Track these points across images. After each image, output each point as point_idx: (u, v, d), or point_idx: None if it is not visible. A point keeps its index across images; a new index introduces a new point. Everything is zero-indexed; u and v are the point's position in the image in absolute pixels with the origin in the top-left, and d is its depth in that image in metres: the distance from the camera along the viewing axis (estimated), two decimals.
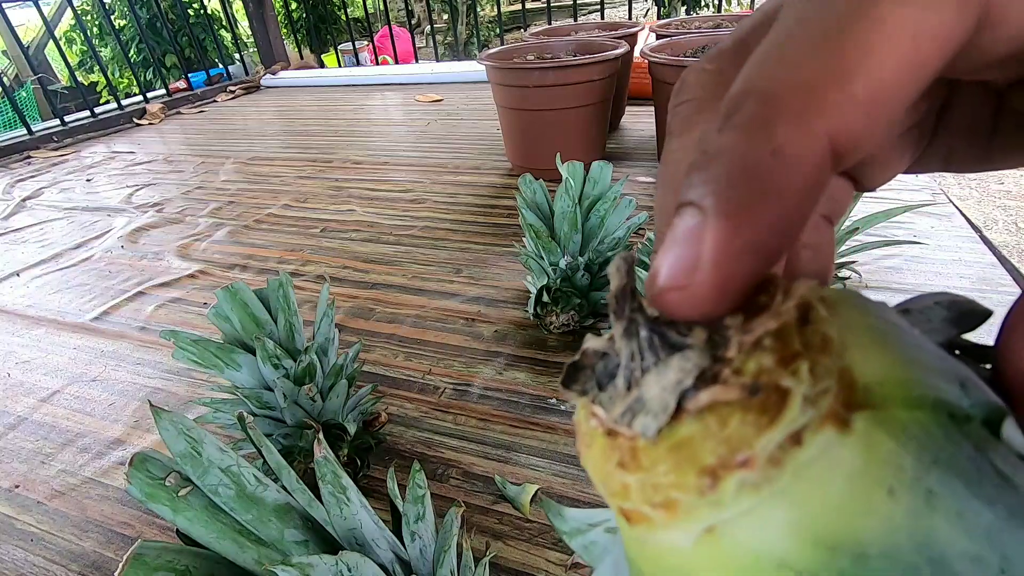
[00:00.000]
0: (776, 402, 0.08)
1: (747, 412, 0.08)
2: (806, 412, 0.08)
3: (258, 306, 0.50)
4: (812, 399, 0.08)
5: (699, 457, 0.08)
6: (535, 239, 0.66)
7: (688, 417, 0.08)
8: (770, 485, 0.08)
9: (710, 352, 0.09)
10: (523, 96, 1.10)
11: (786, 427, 0.08)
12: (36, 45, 3.66)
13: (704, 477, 0.08)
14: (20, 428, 0.67)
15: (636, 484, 0.09)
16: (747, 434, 0.08)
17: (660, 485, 0.08)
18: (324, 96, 2.25)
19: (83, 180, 1.54)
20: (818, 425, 0.08)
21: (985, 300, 0.65)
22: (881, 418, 0.08)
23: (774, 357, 0.08)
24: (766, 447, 0.08)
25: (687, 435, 0.08)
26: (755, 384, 0.08)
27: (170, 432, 0.28)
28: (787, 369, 0.08)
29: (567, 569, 0.45)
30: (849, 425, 0.08)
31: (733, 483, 0.08)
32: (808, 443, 0.08)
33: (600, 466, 0.09)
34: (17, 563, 0.51)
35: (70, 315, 0.89)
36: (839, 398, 0.08)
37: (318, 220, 1.13)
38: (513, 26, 4.18)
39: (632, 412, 0.09)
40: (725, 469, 0.08)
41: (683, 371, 0.08)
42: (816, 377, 0.08)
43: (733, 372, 0.08)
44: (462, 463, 0.55)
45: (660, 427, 0.08)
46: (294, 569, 0.26)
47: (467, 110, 1.79)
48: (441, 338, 0.73)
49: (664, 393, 0.08)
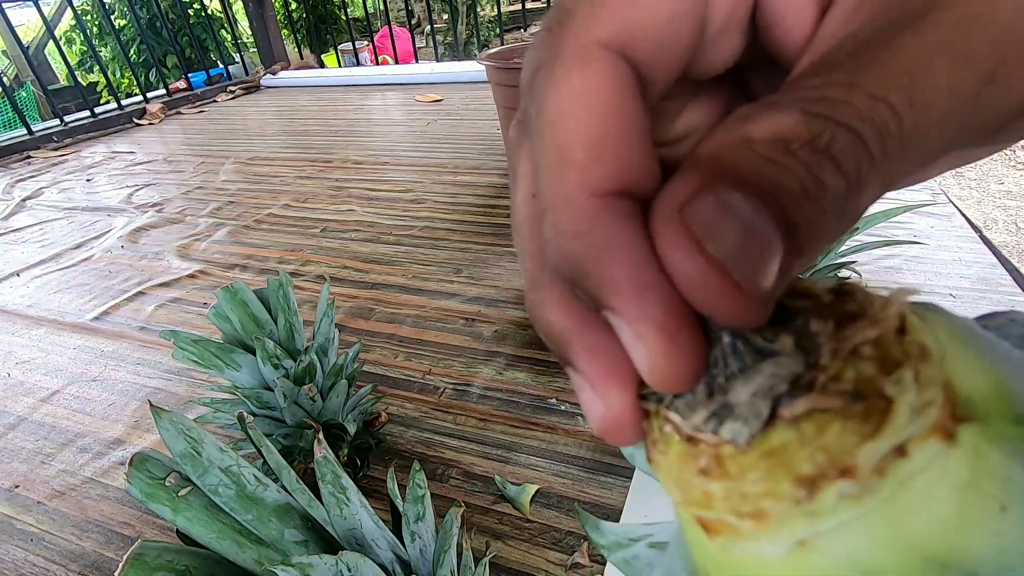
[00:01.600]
0: (880, 410, 0.08)
1: (849, 420, 0.08)
2: (912, 422, 0.07)
3: (258, 306, 0.50)
4: (918, 408, 0.08)
5: (795, 465, 0.08)
6: None
7: (782, 424, 0.08)
8: (872, 497, 0.07)
9: (803, 359, 0.08)
10: None
11: (891, 437, 0.07)
12: (36, 45, 3.66)
13: (800, 486, 0.08)
14: (20, 428, 0.67)
15: (721, 492, 0.08)
16: (849, 443, 0.07)
17: (750, 494, 0.08)
18: (324, 96, 2.25)
19: (83, 180, 1.54)
20: (924, 436, 0.07)
21: (985, 300, 0.65)
22: (988, 431, 0.08)
23: (875, 365, 0.08)
24: (870, 457, 0.07)
25: (781, 442, 0.08)
26: (857, 391, 0.08)
27: (170, 432, 0.28)
28: (890, 377, 0.08)
29: (567, 569, 0.45)
30: (955, 437, 0.07)
31: (833, 493, 0.07)
32: (914, 454, 0.07)
33: (678, 474, 0.09)
34: (17, 563, 0.51)
35: (70, 315, 0.89)
36: (944, 409, 0.08)
37: (318, 220, 1.13)
38: (513, 26, 4.18)
39: (719, 418, 0.08)
40: (824, 478, 0.08)
41: (776, 377, 0.08)
42: (921, 386, 0.08)
43: (831, 379, 0.08)
44: (462, 463, 0.55)
45: (753, 433, 0.08)
46: (294, 569, 0.26)
47: (467, 110, 1.79)
48: (441, 338, 0.73)
49: (756, 399, 0.08)
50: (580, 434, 0.56)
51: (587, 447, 0.55)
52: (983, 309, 0.68)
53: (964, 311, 0.58)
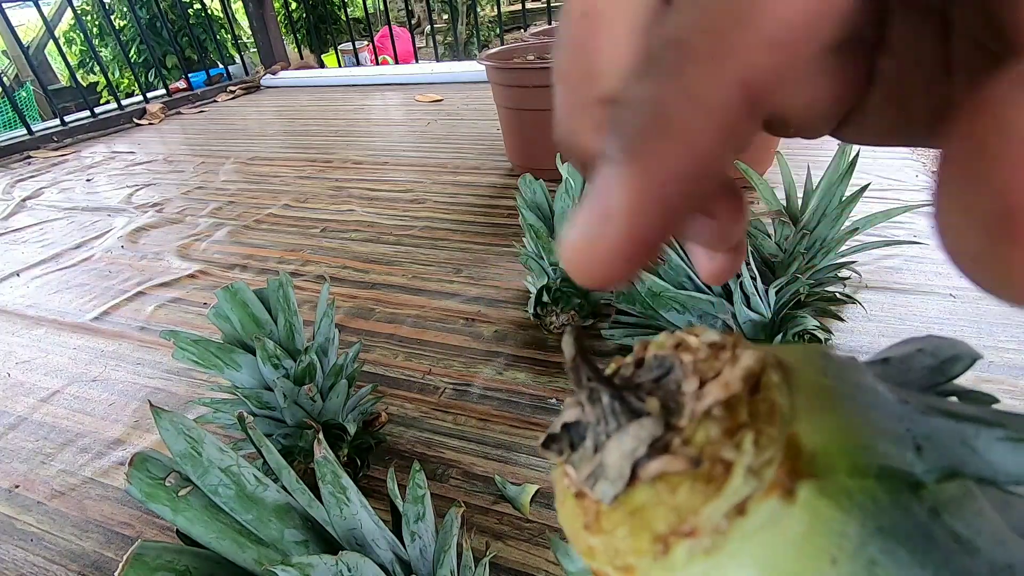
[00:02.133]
0: (720, 473, 0.08)
1: (694, 482, 0.08)
2: (749, 482, 0.08)
3: (258, 306, 0.50)
4: (755, 470, 0.08)
5: (652, 524, 0.08)
6: (535, 239, 0.66)
7: (642, 484, 0.09)
8: (717, 552, 0.08)
9: (664, 419, 0.09)
10: (523, 96, 1.10)
11: (730, 497, 0.08)
12: (36, 45, 3.66)
13: (657, 543, 0.08)
14: (20, 428, 0.67)
15: (600, 547, 0.09)
16: (694, 503, 0.08)
17: (620, 549, 0.09)
18: (324, 96, 2.25)
19: (83, 180, 1.54)
20: (763, 495, 0.08)
21: (984, 300, 0.65)
22: (826, 486, 0.08)
23: (720, 427, 0.08)
24: (711, 516, 0.08)
25: (641, 502, 0.08)
26: (699, 456, 0.08)
27: (170, 432, 0.28)
28: (732, 440, 0.08)
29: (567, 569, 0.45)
30: (794, 494, 0.08)
31: (683, 550, 0.08)
32: (752, 512, 0.08)
33: (571, 526, 0.10)
34: (17, 563, 0.51)
35: (70, 315, 0.89)
36: (784, 467, 0.08)
37: (318, 220, 1.13)
38: (513, 26, 4.18)
39: (595, 477, 0.09)
40: (675, 536, 0.08)
41: (638, 439, 0.09)
42: (760, 448, 0.08)
43: (683, 442, 0.08)
44: (462, 463, 0.55)
45: (616, 494, 0.09)
46: (294, 569, 0.26)
47: (467, 110, 1.79)
48: (441, 338, 0.73)
49: (621, 460, 0.09)
50: None
51: None
52: (983, 309, 0.68)
53: (964, 311, 0.58)
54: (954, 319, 0.66)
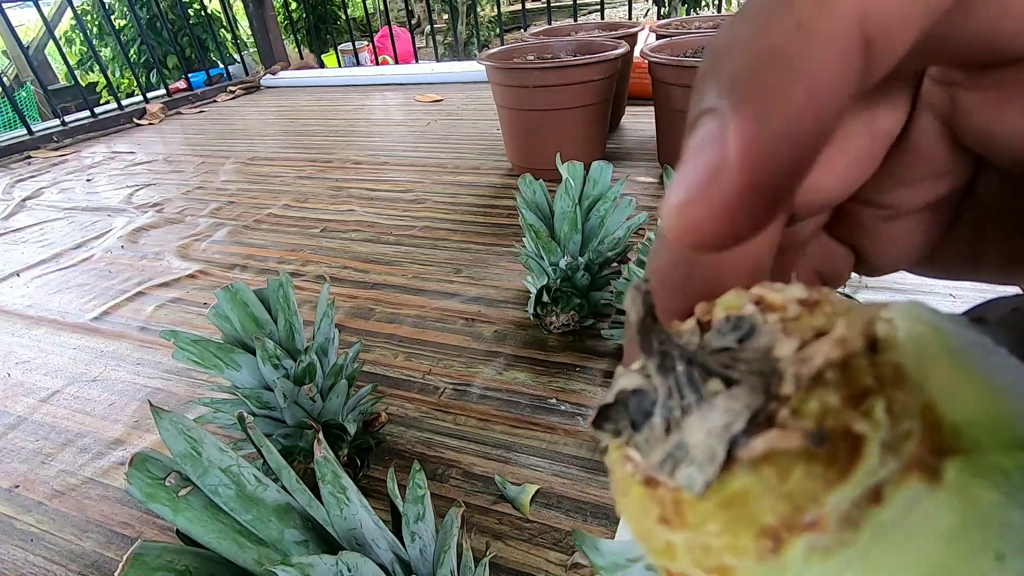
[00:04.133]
0: (848, 450, 0.07)
1: (812, 463, 0.07)
2: (886, 462, 0.07)
3: (258, 306, 0.50)
4: (892, 445, 0.07)
5: (757, 516, 0.07)
6: (535, 239, 0.66)
7: (741, 467, 0.07)
8: (845, 550, 0.06)
9: (762, 387, 0.07)
10: (523, 96, 1.10)
11: (862, 481, 0.06)
12: (36, 45, 3.66)
13: (764, 539, 0.07)
14: (20, 428, 0.67)
15: (683, 544, 0.07)
16: (814, 489, 0.07)
17: (711, 547, 0.07)
18: (324, 96, 2.25)
19: (83, 180, 1.54)
20: (901, 477, 0.06)
21: (985, 299, 0.65)
22: (978, 465, 0.06)
23: (840, 394, 0.07)
24: (838, 505, 0.06)
25: (741, 489, 0.07)
26: (820, 430, 0.07)
27: (170, 432, 0.28)
28: (858, 409, 0.07)
29: (567, 569, 0.45)
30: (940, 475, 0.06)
31: (800, 547, 0.07)
32: (890, 499, 0.06)
33: (639, 520, 0.08)
34: (17, 563, 0.51)
35: (70, 315, 0.89)
36: (925, 442, 0.07)
37: (318, 220, 1.13)
38: (513, 26, 4.18)
39: (674, 460, 0.07)
40: (789, 531, 0.07)
41: (732, 412, 0.07)
42: (894, 418, 0.07)
43: (792, 413, 0.07)
44: (462, 463, 0.55)
45: (708, 480, 0.07)
46: (294, 569, 0.26)
47: (467, 110, 1.79)
48: (441, 338, 0.73)
49: (710, 439, 0.07)
50: (580, 434, 0.56)
51: (587, 447, 0.55)
52: None
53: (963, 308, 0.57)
54: None
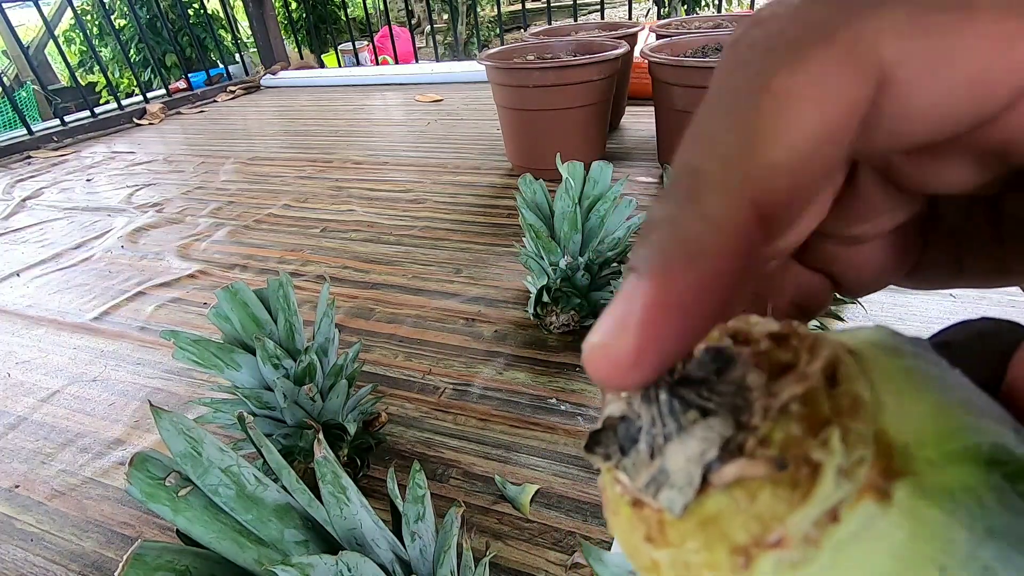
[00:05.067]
0: (808, 476, 0.07)
1: (777, 487, 0.07)
2: (841, 486, 0.07)
3: (258, 306, 0.50)
4: (847, 471, 0.07)
5: (730, 534, 0.08)
6: (535, 239, 0.66)
7: (716, 491, 0.08)
8: (809, 565, 0.07)
9: (734, 418, 0.08)
10: (523, 96, 1.10)
11: (820, 503, 0.07)
12: (36, 45, 3.66)
13: (737, 556, 0.07)
14: (20, 428, 0.67)
15: (666, 561, 0.08)
16: (779, 510, 0.07)
17: (691, 564, 0.08)
18: (324, 96, 2.25)
19: (83, 180, 1.54)
20: (856, 499, 0.07)
21: (984, 300, 0.65)
22: (925, 485, 0.07)
23: (802, 425, 0.08)
24: (800, 524, 0.07)
25: (716, 510, 0.08)
26: (783, 458, 0.07)
27: (170, 432, 0.28)
28: (817, 439, 0.07)
29: (567, 569, 0.45)
30: (890, 496, 0.07)
31: (769, 562, 0.07)
32: (846, 519, 0.07)
33: (628, 538, 0.09)
34: (17, 563, 0.51)
35: (70, 315, 0.89)
36: (876, 466, 0.07)
37: (318, 220, 1.13)
38: (513, 26, 4.18)
39: (657, 484, 0.08)
40: (758, 548, 0.07)
41: (707, 441, 0.08)
42: (849, 446, 0.07)
43: (759, 442, 0.08)
44: (462, 463, 0.55)
45: (687, 503, 0.08)
46: (294, 569, 0.26)
47: (467, 110, 1.79)
48: (441, 338, 0.73)
49: (689, 465, 0.08)
50: (580, 434, 0.56)
51: None
52: (983, 309, 0.68)
53: (964, 311, 0.58)
54: (954, 319, 0.66)
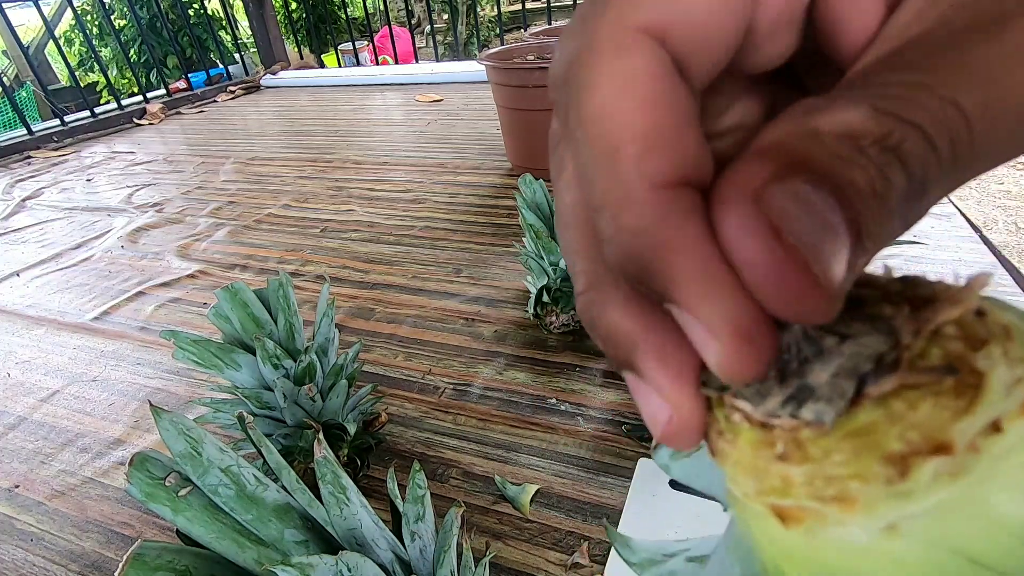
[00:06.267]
0: (973, 386, 0.07)
1: (941, 396, 0.07)
2: (1005, 398, 0.07)
3: (258, 306, 0.50)
4: (1009, 385, 0.07)
5: (884, 444, 0.07)
6: (535, 239, 0.66)
7: (869, 403, 0.08)
8: (967, 475, 0.07)
9: (884, 339, 0.08)
10: (523, 96, 1.10)
11: (986, 412, 0.07)
12: (36, 45, 3.66)
13: (891, 465, 0.07)
14: (20, 428, 0.67)
15: (802, 478, 0.08)
16: (942, 419, 0.07)
17: (834, 476, 0.08)
18: (324, 96, 2.25)
19: (83, 180, 1.54)
20: (1018, 413, 0.07)
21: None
22: None
23: (962, 342, 0.08)
24: (965, 432, 0.07)
25: (869, 421, 0.08)
26: (949, 366, 0.07)
27: (170, 432, 0.28)
28: (980, 353, 0.07)
29: (567, 569, 0.45)
30: None
31: (928, 471, 0.07)
32: (1009, 430, 0.07)
33: (751, 462, 0.09)
34: (17, 563, 0.51)
35: (70, 315, 0.89)
36: None
37: (318, 220, 1.13)
38: (513, 26, 4.18)
39: (797, 401, 0.08)
40: (917, 456, 0.07)
41: (858, 357, 0.08)
42: (1011, 362, 0.07)
43: (917, 356, 0.08)
44: (462, 463, 0.55)
45: (839, 413, 0.08)
46: (294, 569, 0.26)
47: (467, 110, 1.79)
48: (441, 338, 0.73)
49: (838, 379, 0.08)
50: (580, 434, 0.56)
51: (587, 447, 0.55)
52: None
53: None
54: None
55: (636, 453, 0.53)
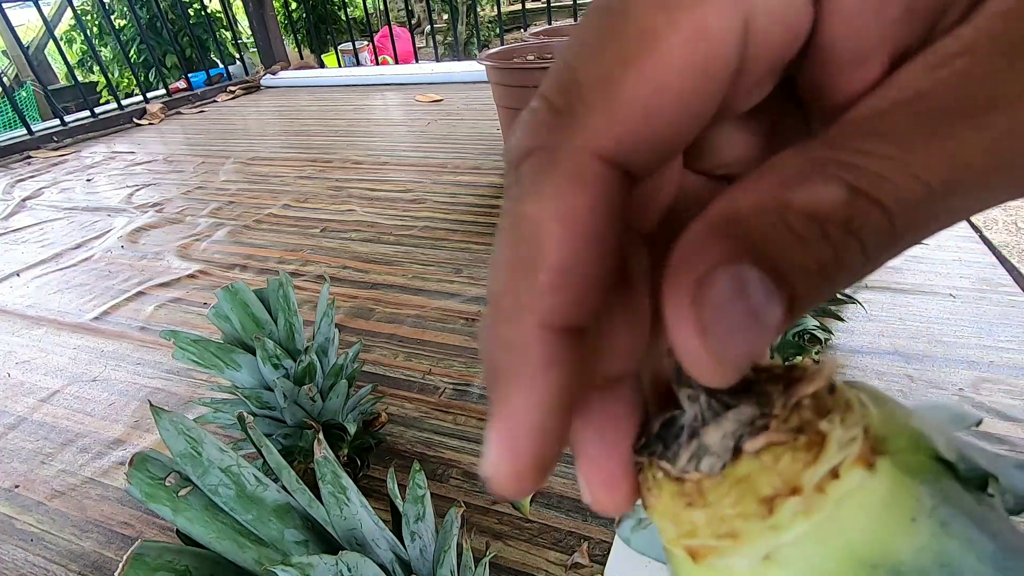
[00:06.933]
0: (817, 443, 0.10)
1: (795, 451, 0.10)
2: (841, 451, 0.09)
3: (258, 306, 0.50)
4: (844, 443, 0.10)
5: (758, 489, 0.10)
6: None
7: (747, 457, 0.10)
8: (818, 512, 0.09)
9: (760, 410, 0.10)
10: (523, 96, 1.10)
11: (827, 462, 0.09)
12: (36, 45, 3.66)
13: (763, 505, 0.09)
14: (20, 428, 0.67)
15: (704, 519, 0.10)
16: (796, 468, 0.09)
17: (726, 516, 0.10)
18: (324, 96, 2.25)
19: (83, 180, 1.54)
20: (851, 464, 0.09)
21: (984, 300, 0.65)
22: (899, 461, 0.10)
23: (812, 412, 0.10)
24: (812, 479, 0.09)
25: (746, 472, 0.10)
26: (801, 427, 0.10)
27: (170, 432, 0.28)
28: (824, 419, 0.10)
29: (567, 569, 0.45)
30: (874, 465, 0.10)
31: (788, 509, 0.09)
32: (845, 477, 0.09)
33: (671, 510, 0.11)
34: (17, 563, 0.51)
35: (70, 315, 0.89)
36: (864, 446, 0.10)
37: (318, 220, 1.13)
38: (513, 26, 4.18)
39: (698, 457, 0.10)
40: (780, 497, 0.09)
41: (740, 422, 0.10)
42: (846, 427, 0.10)
43: (781, 422, 0.10)
44: (462, 463, 0.55)
45: (724, 463, 0.10)
46: (294, 569, 0.26)
47: (467, 110, 1.79)
48: (441, 338, 0.73)
49: (725, 439, 0.10)
50: None
51: None
52: (983, 309, 0.68)
53: (964, 311, 0.58)
54: (954, 319, 0.66)
55: None
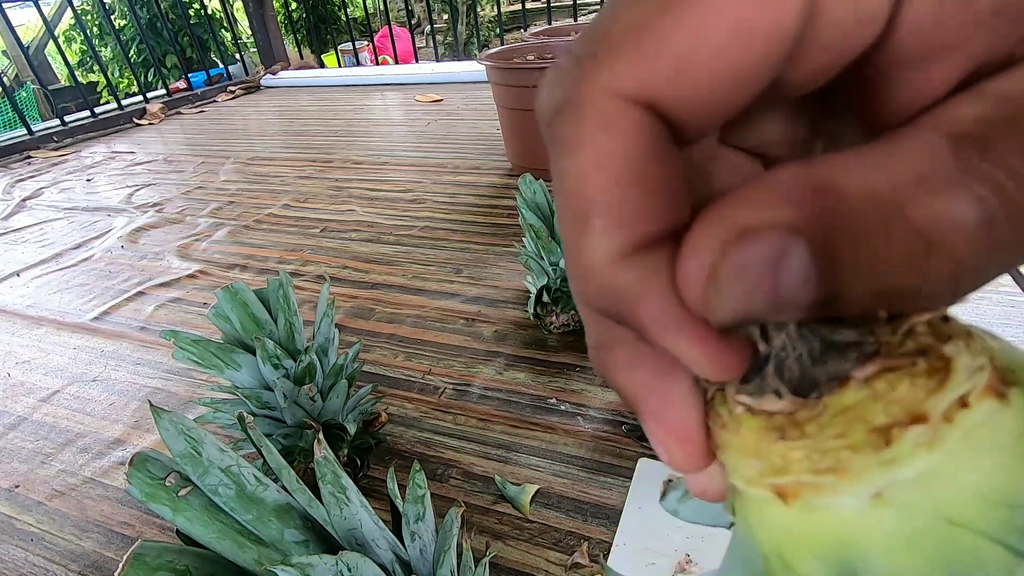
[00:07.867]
0: (941, 368, 0.08)
1: (915, 377, 0.08)
2: (970, 379, 0.08)
3: (258, 306, 0.50)
4: (972, 371, 0.09)
5: (871, 418, 0.08)
6: (535, 239, 0.66)
7: (855, 385, 0.09)
8: (943, 444, 0.08)
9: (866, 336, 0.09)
10: (523, 96, 1.10)
11: (954, 390, 0.08)
12: (36, 45, 3.66)
13: (878, 435, 0.08)
14: (20, 428, 0.67)
15: (800, 453, 0.09)
16: (918, 396, 0.08)
17: (829, 449, 0.09)
18: (324, 96, 2.25)
19: (83, 180, 1.54)
20: (981, 394, 0.08)
21: (985, 300, 0.65)
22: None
23: (931, 337, 0.09)
24: (939, 405, 0.08)
25: (856, 401, 0.09)
26: (922, 350, 0.09)
27: (170, 432, 0.28)
28: (947, 344, 0.09)
29: (567, 569, 0.45)
30: (1007, 398, 0.08)
31: (909, 439, 0.08)
32: (975, 408, 0.08)
33: (754, 446, 0.10)
34: (17, 563, 0.51)
35: (70, 315, 0.89)
36: (994, 375, 0.09)
37: (318, 220, 1.13)
38: (513, 26, 4.18)
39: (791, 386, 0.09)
40: (899, 426, 0.08)
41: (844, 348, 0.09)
42: (972, 353, 0.09)
43: (894, 346, 0.09)
44: (462, 463, 0.55)
45: (831, 393, 0.09)
46: (294, 569, 0.26)
47: (467, 110, 1.79)
48: (441, 338, 0.73)
49: (828, 367, 0.09)
50: (580, 434, 0.56)
51: (587, 447, 0.55)
52: (983, 309, 0.68)
53: (964, 311, 0.58)
54: None
55: (636, 453, 0.53)
